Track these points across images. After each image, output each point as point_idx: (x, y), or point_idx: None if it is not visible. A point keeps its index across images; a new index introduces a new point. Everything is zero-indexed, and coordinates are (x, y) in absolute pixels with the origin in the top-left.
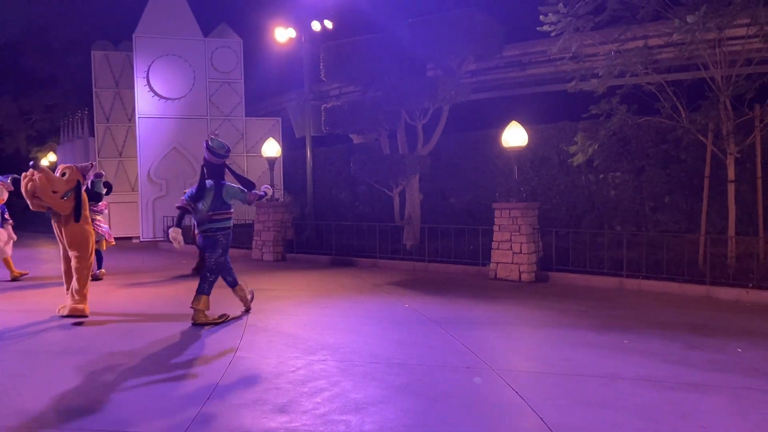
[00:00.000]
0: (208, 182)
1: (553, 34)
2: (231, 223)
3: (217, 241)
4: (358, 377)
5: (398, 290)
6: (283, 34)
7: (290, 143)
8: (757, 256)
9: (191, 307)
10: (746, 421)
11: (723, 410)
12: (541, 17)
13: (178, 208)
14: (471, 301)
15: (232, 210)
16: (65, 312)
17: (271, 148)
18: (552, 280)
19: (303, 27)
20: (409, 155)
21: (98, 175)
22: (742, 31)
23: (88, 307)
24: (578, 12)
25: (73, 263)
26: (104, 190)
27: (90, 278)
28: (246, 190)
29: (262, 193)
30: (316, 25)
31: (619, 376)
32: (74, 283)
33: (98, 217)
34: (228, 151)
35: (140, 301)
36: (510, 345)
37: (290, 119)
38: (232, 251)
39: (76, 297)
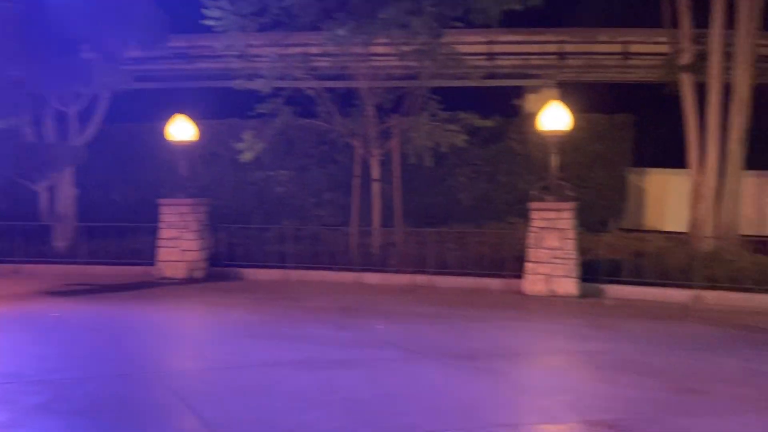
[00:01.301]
0: None
1: (218, 30)
2: None
3: None
4: None
5: (47, 298)
6: None
7: None
8: (396, 244)
9: None
10: (380, 388)
11: (362, 381)
12: (205, 11)
13: None
14: (135, 303)
15: None
16: None
17: None
18: (223, 275)
19: None
20: (60, 145)
21: None
22: (383, 49)
23: None
24: (242, 11)
25: None
26: None
27: None
28: None
29: None
30: None
31: (277, 362)
32: None
33: None
34: None
35: None
36: (172, 345)
37: None
38: None
39: None
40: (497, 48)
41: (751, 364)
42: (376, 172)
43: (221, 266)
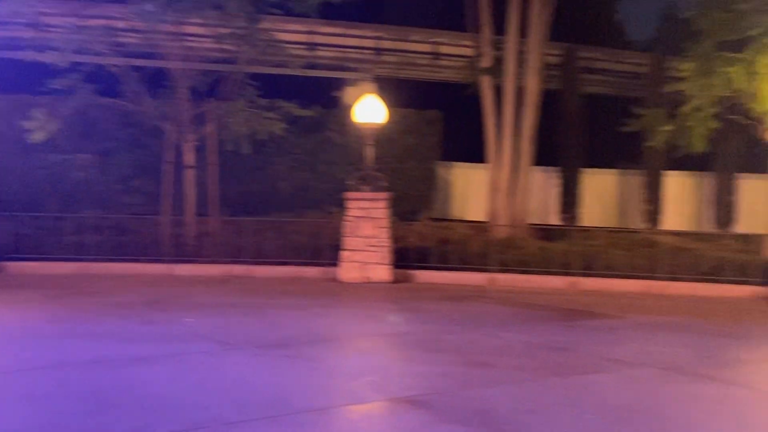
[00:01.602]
0: None
1: None
2: None
3: None
4: None
5: None
6: None
7: None
8: (212, 234)
9: None
10: (185, 382)
11: (165, 377)
12: None
13: None
14: None
15: None
16: None
17: None
18: (6, 270)
19: None
20: None
21: None
22: (198, 30)
23: None
24: None
25: None
26: None
27: None
28: None
29: None
30: None
31: (70, 363)
32: None
33: None
34: None
35: None
36: None
37: None
38: None
39: None
40: (317, 39)
41: (530, 337)
42: (190, 158)
43: (5, 260)
